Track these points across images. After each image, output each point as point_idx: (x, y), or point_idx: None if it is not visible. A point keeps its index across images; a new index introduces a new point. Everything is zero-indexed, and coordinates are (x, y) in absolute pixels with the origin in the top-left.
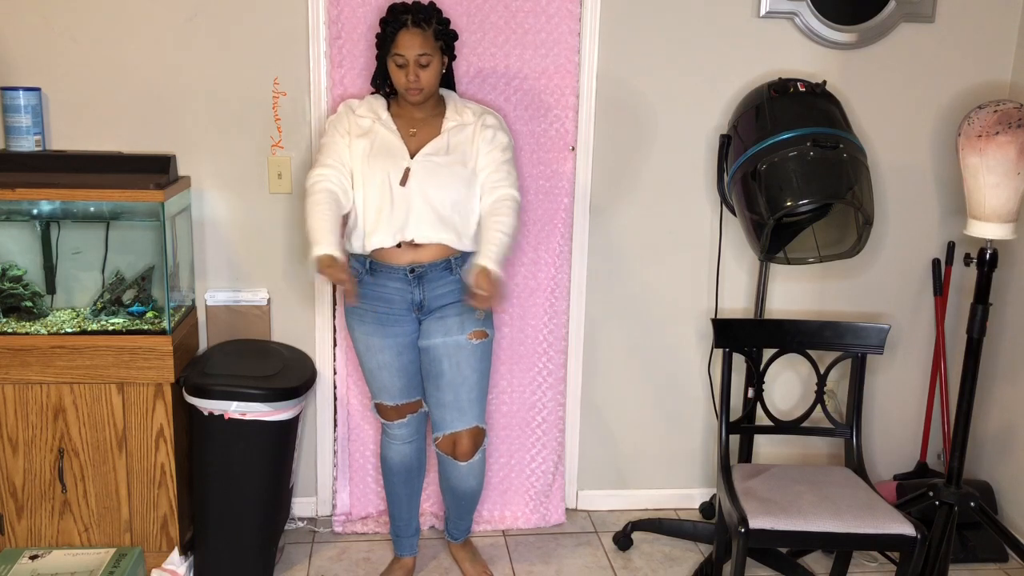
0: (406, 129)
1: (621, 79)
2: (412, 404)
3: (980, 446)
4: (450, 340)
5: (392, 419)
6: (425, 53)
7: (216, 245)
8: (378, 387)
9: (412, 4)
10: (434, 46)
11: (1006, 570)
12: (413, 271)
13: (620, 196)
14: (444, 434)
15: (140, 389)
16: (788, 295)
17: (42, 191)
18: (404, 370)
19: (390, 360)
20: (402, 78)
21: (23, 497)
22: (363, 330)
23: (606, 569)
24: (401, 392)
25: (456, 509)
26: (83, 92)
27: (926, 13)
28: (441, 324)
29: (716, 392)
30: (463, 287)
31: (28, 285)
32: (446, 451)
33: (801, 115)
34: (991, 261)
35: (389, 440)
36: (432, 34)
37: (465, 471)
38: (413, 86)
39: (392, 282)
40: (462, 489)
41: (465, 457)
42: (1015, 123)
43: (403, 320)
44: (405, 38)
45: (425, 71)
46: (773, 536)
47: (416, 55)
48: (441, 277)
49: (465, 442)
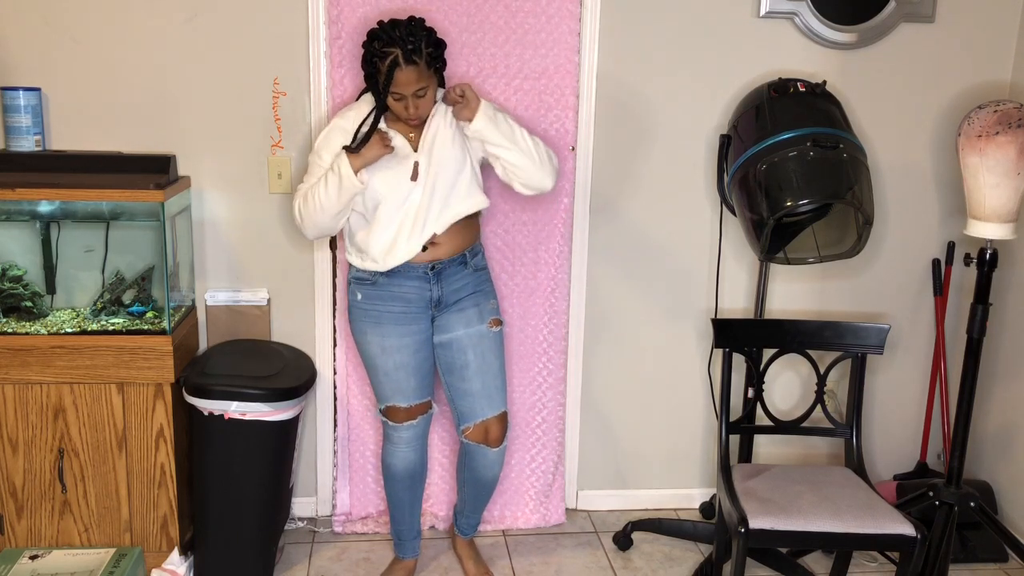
0: (405, 133)
1: (621, 79)
2: (423, 405)
3: (980, 446)
4: (472, 331)
5: (402, 421)
6: (422, 87)
7: (216, 245)
8: (392, 389)
9: (398, 34)
10: (429, 76)
11: (1006, 570)
12: (433, 268)
13: (620, 196)
14: (475, 423)
15: (140, 389)
16: (788, 295)
17: (42, 191)
18: (419, 369)
19: (407, 359)
20: (401, 109)
21: (23, 497)
22: (378, 332)
23: (606, 569)
24: (415, 392)
25: (474, 501)
26: (83, 92)
27: (926, 13)
28: (461, 316)
29: (716, 392)
30: (476, 279)
31: (28, 285)
32: (478, 440)
33: (801, 115)
34: (991, 261)
35: (393, 447)
36: (425, 64)
37: (494, 457)
38: (413, 116)
39: (410, 281)
40: (488, 477)
41: (497, 442)
42: (1015, 123)
43: (420, 318)
44: (401, 77)
45: (423, 101)
46: (773, 536)
47: (414, 90)
48: (457, 272)
49: (496, 428)
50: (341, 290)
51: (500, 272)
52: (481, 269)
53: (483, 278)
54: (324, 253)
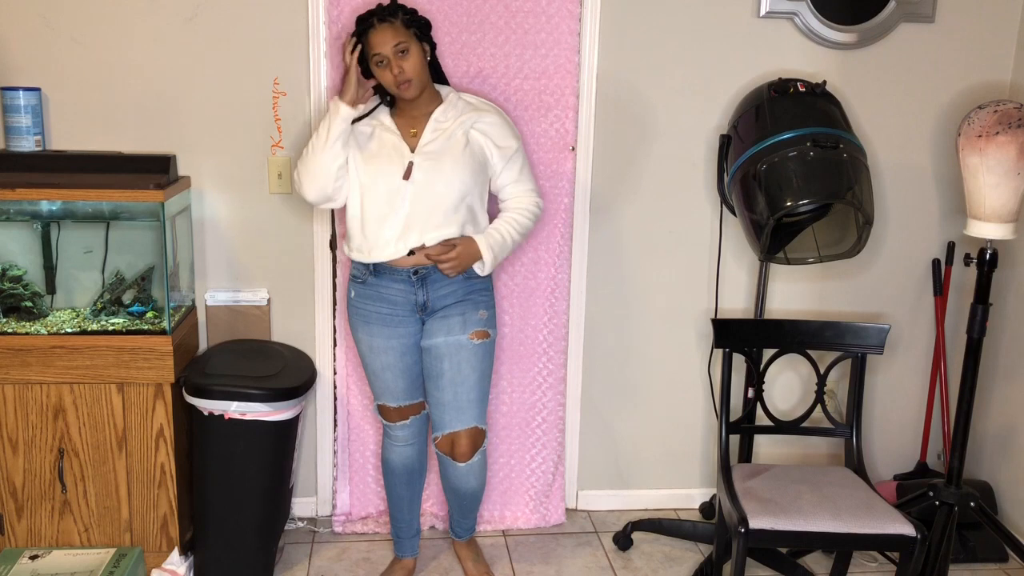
0: (407, 130)
1: (621, 79)
2: (415, 406)
3: (980, 446)
4: (451, 339)
5: (394, 420)
6: (400, 42)
7: (216, 245)
8: (381, 388)
9: (375, 8)
10: (407, 34)
11: (1006, 570)
12: (416, 273)
13: (620, 196)
14: (443, 434)
15: (140, 389)
16: (788, 295)
17: (42, 191)
18: (407, 371)
19: (394, 361)
20: (388, 76)
21: (23, 497)
22: (367, 331)
23: (606, 569)
24: (404, 393)
25: (458, 508)
26: (83, 92)
27: (926, 13)
28: (444, 324)
29: (716, 392)
30: (466, 287)
31: (28, 285)
32: (445, 451)
33: (801, 115)
34: (991, 261)
35: (391, 442)
36: (401, 24)
37: (464, 471)
38: (400, 79)
39: (396, 284)
40: (463, 490)
41: (463, 458)
42: (1015, 123)
43: (407, 321)
44: (376, 36)
45: (407, 60)
46: (773, 536)
47: (392, 47)
48: (444, 278)
49: (463, 442)
50: (341, 290)
51: (500, 272)
52: (475, 278)
53: (476, 287)
54: (324, 253)
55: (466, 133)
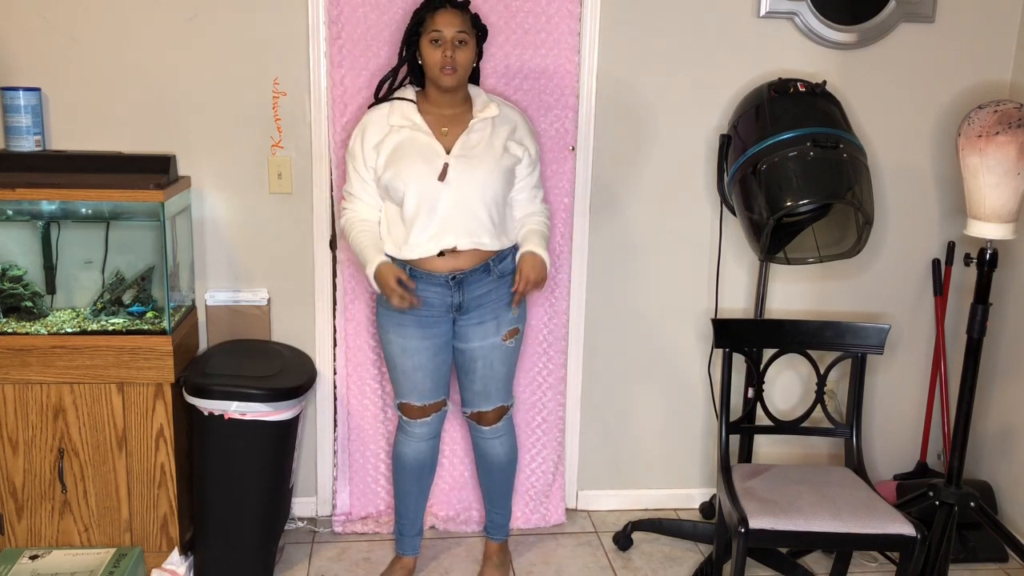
0: (437, 128)
1: (621, 79)
2: (437, 404)
3: (980, 446)
4: (487, 343)
5: (416, 418)
6: (463, 31)
7: (216, 245)
8: (408, 388)
9: None
10: (471, 29)
11: (1006, 570)
12: (454, 278)
13: (620, 196)
14: (472, 411)
15: (140, 389)
16: (788, 295)
17: (42, 191)
18: (437, 371)
19: (425, 362)
20: (438, 56)
21: (23, 497)
22: (401, 333)
23: (606, 569)
24: (430, 392)
25: (487, 488)
26: (83, 92)
27: (926, 13)
28: (479, 329)
29: (716, 392)
30: (500, 284)
31: (28, 285)
32: (473, 420)
33: (801, 115)
34: (991, 261)
35: (406, 438)
36: (469, 18)
37: (490, 434)
38: (449, 64)
39: (433, 287)
40: (491, 456)
41: (489, 423)
42: (1015, 123)
43: (441, 321)
44: (443, 16)
45: (461, 52)
46: (773, 536)
47: (454, 32)
48: (480, 280)
49: (490, 416)
50: (341, 290)
51: None
52: (508, 274)
53: (508, 283)
54: (324, 253)
55: (504, 141)
